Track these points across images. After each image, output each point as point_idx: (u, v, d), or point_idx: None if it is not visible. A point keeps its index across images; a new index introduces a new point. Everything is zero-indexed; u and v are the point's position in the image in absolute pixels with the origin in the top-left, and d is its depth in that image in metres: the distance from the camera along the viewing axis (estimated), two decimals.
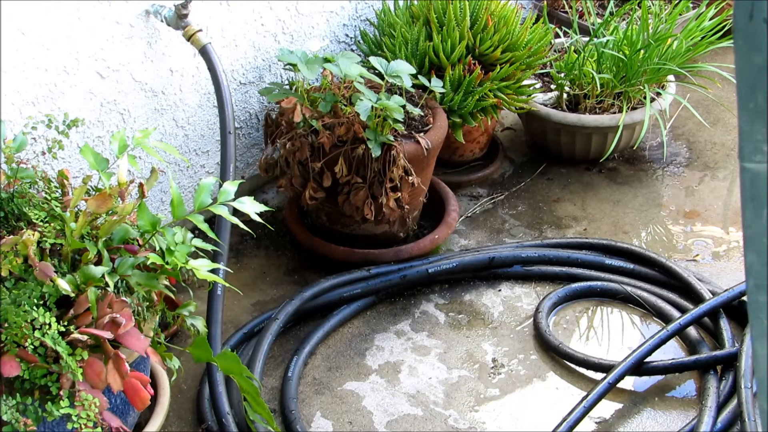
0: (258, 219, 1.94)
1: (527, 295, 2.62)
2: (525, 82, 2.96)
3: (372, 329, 2.52)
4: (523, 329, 2.51)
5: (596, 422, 2.22)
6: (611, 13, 3.22)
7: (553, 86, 3.16)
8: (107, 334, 1.68)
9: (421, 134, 2.54)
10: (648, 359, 2.27)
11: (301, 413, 2.24)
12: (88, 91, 2.29)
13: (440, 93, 2.68)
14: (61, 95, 2.22)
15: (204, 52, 2.36)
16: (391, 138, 2.42)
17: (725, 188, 3.08)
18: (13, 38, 2.07)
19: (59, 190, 1.92)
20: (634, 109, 3.04)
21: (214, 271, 1.93)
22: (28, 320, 1.64)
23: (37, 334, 1.63)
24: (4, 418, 1.61)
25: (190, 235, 1.91)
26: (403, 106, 2.43)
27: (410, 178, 2.46)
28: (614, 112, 3.02)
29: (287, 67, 2.77)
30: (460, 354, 2.43)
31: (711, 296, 2.42)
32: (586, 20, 3.39)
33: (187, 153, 2.65)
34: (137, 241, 1.88)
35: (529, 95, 2.97)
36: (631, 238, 2.84)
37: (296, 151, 2.44)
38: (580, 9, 3.53)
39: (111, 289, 1.75)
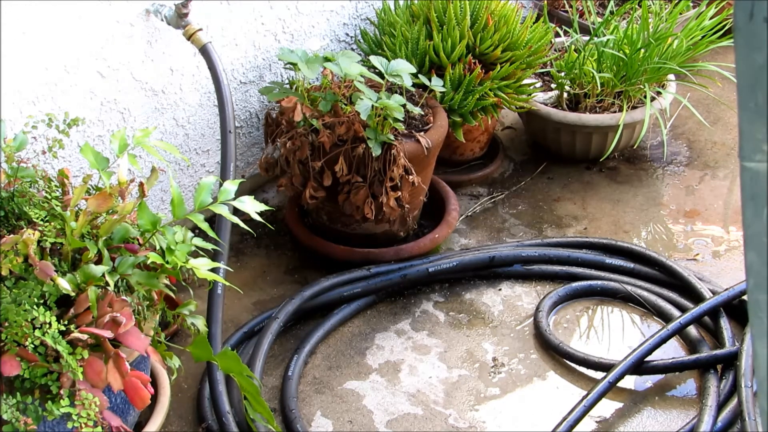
0: (258, 218, 1.94)
1: (527, 294, 2.62)
2: (525, 81, 2.96)
3: (372, 328, 2.52)
4: (523, 328, 2.51)
5: (596, 421, 2.22)
6: (611, 12, 3.22)
7: (553, 85, 3.16)
8: (107, 333, 1.68)
9: (422, 133, 2.54)
10: (648, 358, 2.27)
11: (301, 412, 2.24)
12: (88, 90, 2.29)
13: (440, 92, 2.68)
14: (62, 94, 2.23)
15: (204, 51, 2.36)
16: (392, 137, 2.42)
17: (725, 187, 3.07)
18: (14, 37, 2.07)
19: (59, 189, 1.92)
20: (634, 108, 3.04)
21: (214, 270, 1.93)
22: (29, 319, 1.64)
23: (37, 333, 1.63)
24: (5, 417, 1.61)
25: (190, 234, 1.91)
26: (404, 105, 2.43)
27: (410, 177, 2.46)
28: (614, 112, 3.02)
29: (287, 66, 2.77)
30: (461, 353, 2.43)
31: (711, 295, 2.42)
32: (586, 19, 3.39)
33: (187, 152, 2.65)
34: (137, 240, 1.88)
35: (530, 94, 2.97)
36: (632, 237, 2.84)
37: (296, 150, 2.44)
38: (581, 8, 3.53)
39: (111, 288, 1.75)
